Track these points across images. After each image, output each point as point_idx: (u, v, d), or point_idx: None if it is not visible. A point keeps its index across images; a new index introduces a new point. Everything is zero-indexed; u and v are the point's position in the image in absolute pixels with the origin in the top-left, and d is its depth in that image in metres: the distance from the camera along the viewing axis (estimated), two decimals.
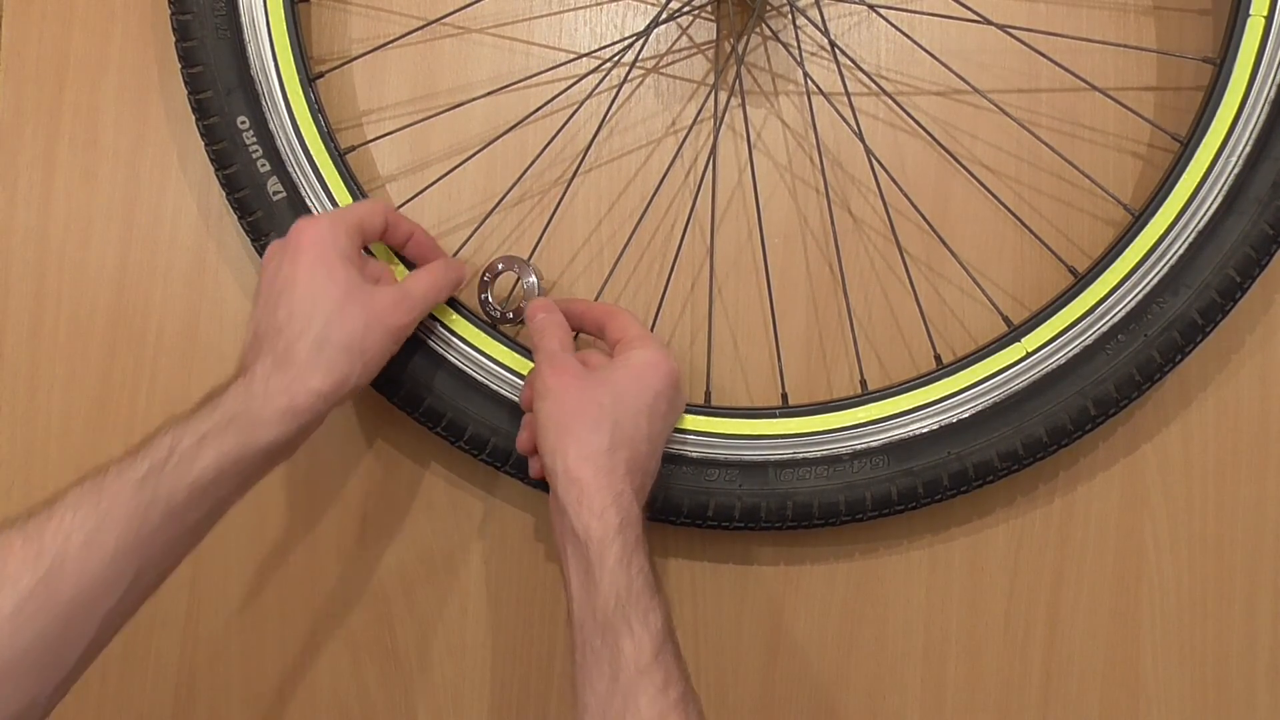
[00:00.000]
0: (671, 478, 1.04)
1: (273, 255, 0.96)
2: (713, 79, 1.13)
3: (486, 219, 1.12)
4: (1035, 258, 1.11)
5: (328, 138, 1.07)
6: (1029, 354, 1.03)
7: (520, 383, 1.05)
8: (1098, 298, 1.02)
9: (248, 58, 1.07)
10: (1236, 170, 1.01)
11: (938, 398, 1.04)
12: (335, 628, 1.13)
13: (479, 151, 1.13)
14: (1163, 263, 1.01)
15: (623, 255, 1.12)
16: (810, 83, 1.11)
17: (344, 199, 1.06)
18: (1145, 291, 1.01)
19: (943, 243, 1.10)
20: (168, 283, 1.15)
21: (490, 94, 1.13)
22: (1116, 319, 1.02)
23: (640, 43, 1.12)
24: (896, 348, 1.12)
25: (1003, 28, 1.09)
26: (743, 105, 1.12)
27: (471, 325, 1.07)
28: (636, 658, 0.84)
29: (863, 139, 1.10)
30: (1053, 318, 1.03)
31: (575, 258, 1.14)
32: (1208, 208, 1.01)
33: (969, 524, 1.12)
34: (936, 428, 1.03)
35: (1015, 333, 1.04)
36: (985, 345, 1.05)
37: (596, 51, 1.14)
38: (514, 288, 1.08)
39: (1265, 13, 1.01)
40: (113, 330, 1.15)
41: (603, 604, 0.86)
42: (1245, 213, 1.00)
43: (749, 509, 1.04)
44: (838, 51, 1.11)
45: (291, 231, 0.95)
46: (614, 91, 1.13)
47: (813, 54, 1.13)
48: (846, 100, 1.11)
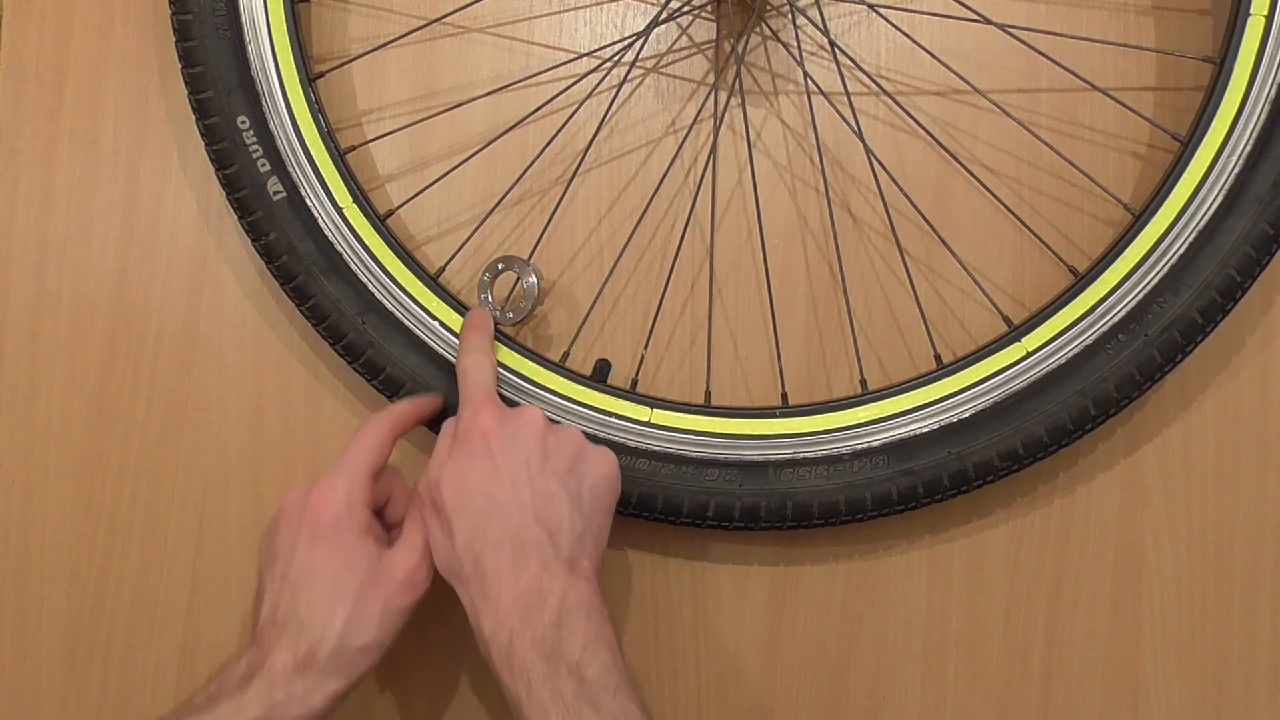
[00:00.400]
0: (671, 478, 1.04)
1: (289, 523, 0.95)
2: (712, 79, 1.13)
3: (486, 219, 1.12)
4: (1035, 258, 1.11)
5: (328, 137, 1.08)
6: (1029, 354, 1.03)
7: (520, 382, 1.06)
8: (1098, 297, 1.02)
9: (248, 58, 1.07)
10: (1237, 170, 1.00)
11: (938, 397, 1.04)
12: None
13: (479, 151, 1.13)
14: (1163, 262, 1.01)
15: (623, 255, 1.12)
16: (810, 82, 1.11)
17: (344, 199, 1.07)
18: (1145, 291, 1.01)
19: (943, 242, 1.10)
20: (168, 283, 1.15)
21: (490, 94, 1.13)
22: (1117, 319, 1.02)
23: (640, 42, 1.12)
24: (896, 348, 1.12)
25: (1003, 27, 1.09)
26: (743, 105, 1.12)
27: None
28: None
29: (863, 139, 1.10)
30: (1053, 317, 1.03)
31: (575, 258, 1.14)
32: (1208, 207, 1.01)
33: (969, 524, 1.11)
34: (937, 427, 1.03)
35: (1015, 332, 1.04)
36: (985, 345, 1.05)
37: (596, 51, 1.14)
38: (514, 288, 1.08)
39: (1265, 12, 1.01)
40: (113, 330, 1.15)
41: (510, 706, 0.87)
42: (1246, 212, 1.00)
43: (749, 509, 1.04)
44: (837, 51, 1.11)
45: (310, 505, 0.94)
46: (614, 91, 1.13)
47: (812, 54, 1.13)
48: (846, 100, 1.11)
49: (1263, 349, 1.11)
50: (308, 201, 1.06)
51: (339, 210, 1.07)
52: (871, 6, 1.12)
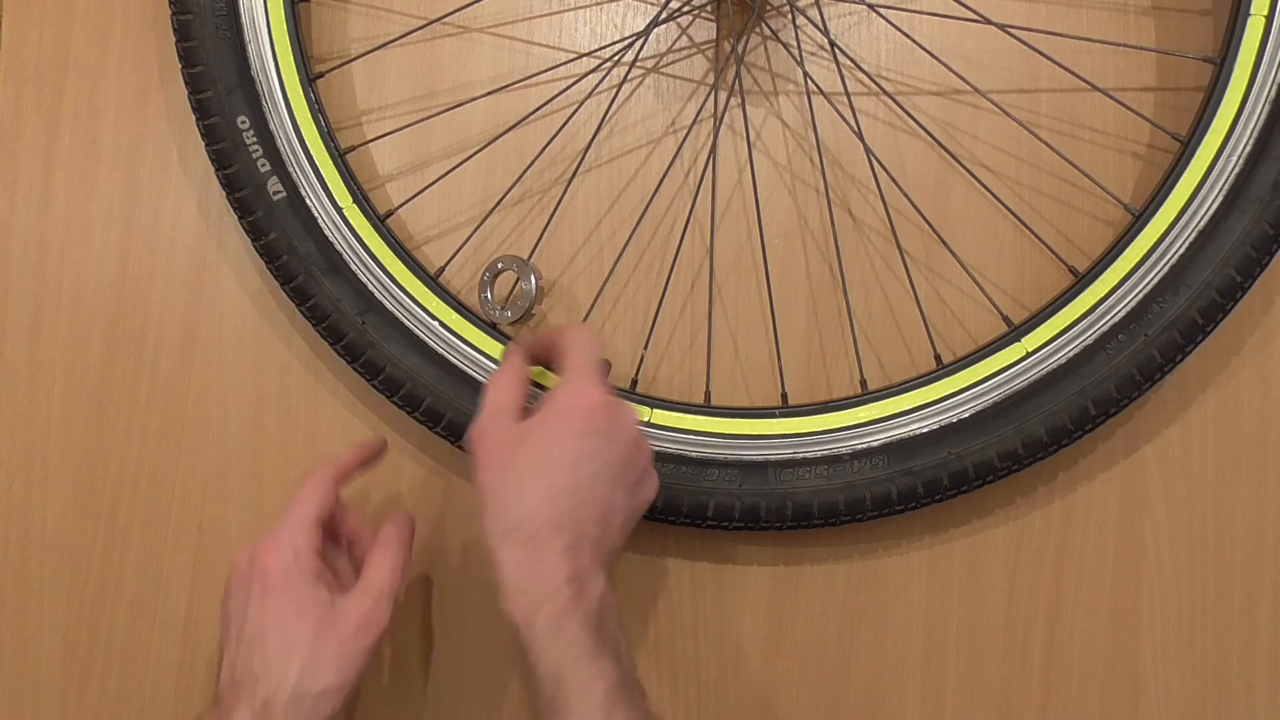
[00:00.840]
0: (671, 478, 1.04)
1: (239, 582, 0.95)
2: (712, 79, 1.13)
3: (486, 219, 1.12)
4: (1035, 258, 1.11)
5: (328, 137, 1.08)
6: (1029, 354, 1.03)
7: None
8: (1098, 297, 1.02)
9: (248, 58, 1.07)
10: (1237, 169, 1.01)
11: (938, 398, 1.04)
12: None
13: (479, 151, 1.13)
14: (1163, 262, 1.01)
15: (622, 255, 1.12)
16: (810, 82, 1.11)
17: (344, 199, 1.07)
18: (1146, 291, 1.01)
19: (943, 242, 1.10)
20: (168, 283, 1.15)
21: (490, 94, 1.13)
22: (1117, 319, 1.02)
23: (640, 42, 1.12)
24: (896, 348, 1.12)
25: (1003, 27, 1.09)
26: (742, 105, 1.12)
27: (471, 325, 1.07)
28: None
29: (863, 139, 1.10)
30: (1053, 317, 1.03)
31: (575, 258, 1.14)
32: (1208, 207, 1.01)
33: (968, 524, 1.11)
34: (936, 427, 1.03)
35: (1015, 332, 1.04)
36: (985, 345, 1.05)
37: (596, 51, 1.14)
38: (514, 288, 1.08)
39: (1265, 12, 1.01)
40: (113, 330, 1.15)
41: (543, 685, 0.86)
42: (1246, 212, 1.00)
43: (749, 509, 1.04)
44: (837, 51, 1.11)
45: (256, 561, 0.94)
46: (614, 91, 1.13)
47: (812, 54, 1.13)
48: (846, 100, 1.11)
49: (1263, 349, 1.11)
50: (308, 201, 1.06)
51: (339, 210, 1.07)
52: (871, 6, 1.12)
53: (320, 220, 1.07)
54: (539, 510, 0.89)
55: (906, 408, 1.04)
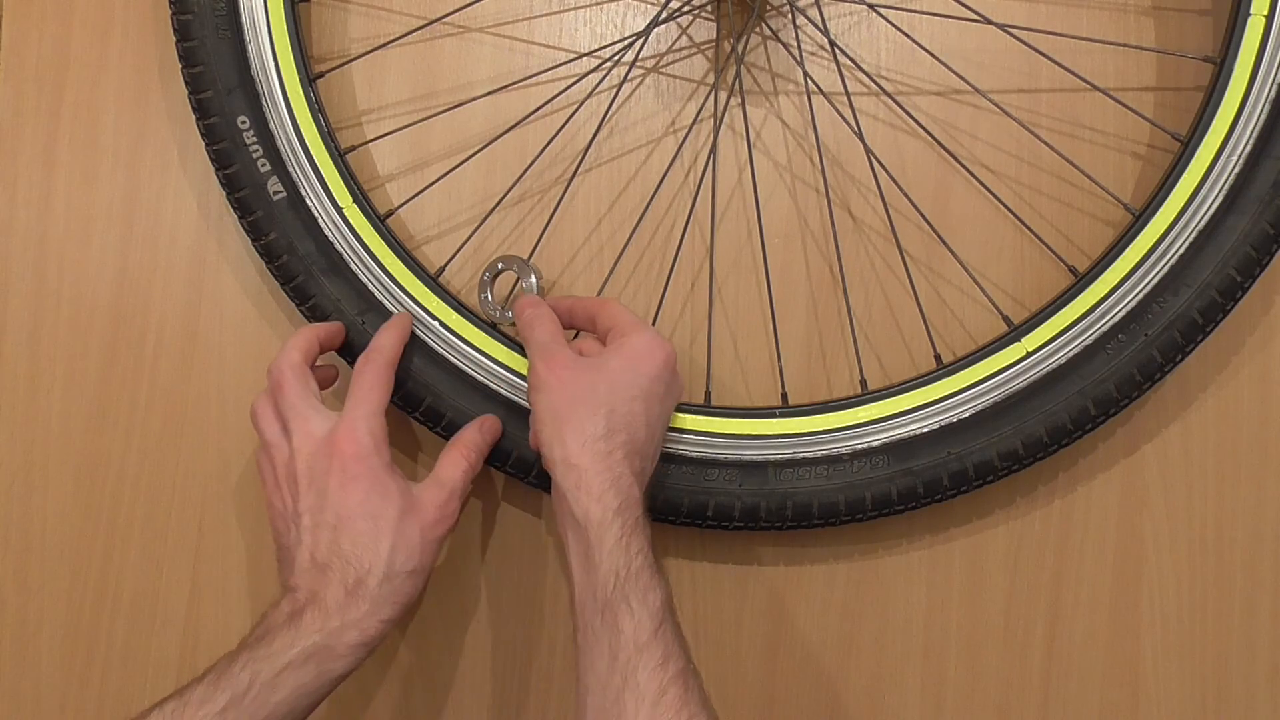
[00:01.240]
0: (671, 477, 1.04)
1: (317, 471, 0.96)
2: (712, 79, 1.13)
3: (486, 219, 1.12)
4: (1035, 258, 1.11)
5: (328, 137, 1.08)
6: (1029, 354, 1.03)
7: (520, 382, 1.05)
8: (1098, 297, 1.02)
9: (248, 57, 1.07)
10: (1237, 169, 1.01)
11: (938, 397, 1.04)
12: None
13: (479, 151, 1.13)
14: (1163, 262, 1.01)
15: (623, 255, 1.12)
16: (810, 82, 1.11)
17: (344, 199, 1.07)
18: (1146, 291, 1.01)
19: (943, 242, 1.10)
20: (168, 283, 1.15)
21: (490, 94, 1.13)
22: (1117, 319, 1.02)
23: (640, 42, 1.12)
24: (896, 348, 1.12)
25: (1003, 27, 1.09)
26: (742, 105, 1.12)
27: (471, 325, 1.07)
28: (635, 635, 0.85)
29: (863, 139, 1.10)
30: (1053, 317, 1.03)
31: (575, 258, 1.14)
32: (1208, 207, 1.01)
33: (968, 524, 1.12)
34: (936, 427, 1.03)
35: (1015, 332, 1.04)
36: (985, 345, 1.05)
37: (596, 51, 1.14)
38: (514, 288, 1.08)
39: (1265, 12, 1.01)
40: (113, 330, 1.15)
41: (602, 585, 0.87)
42: (1246, 212, 1.00)
43: (749, 509, 1.04)
44: (837, 51, 1.11)
45: (335, 448, 0.95)
46: (614, 91, 1.13)
47: (812, 54, 1.13)
48: (846, 100, 1.11)
49: (1263, 349, 1.11)
50: (308, 201, 1.06)
51: (339, 210, 1.07)
52: (871, 6, 1.12)
53: (320, 220, 1.07)
54: (618, 430, 0.93)
55: (907, 408, 1.04)
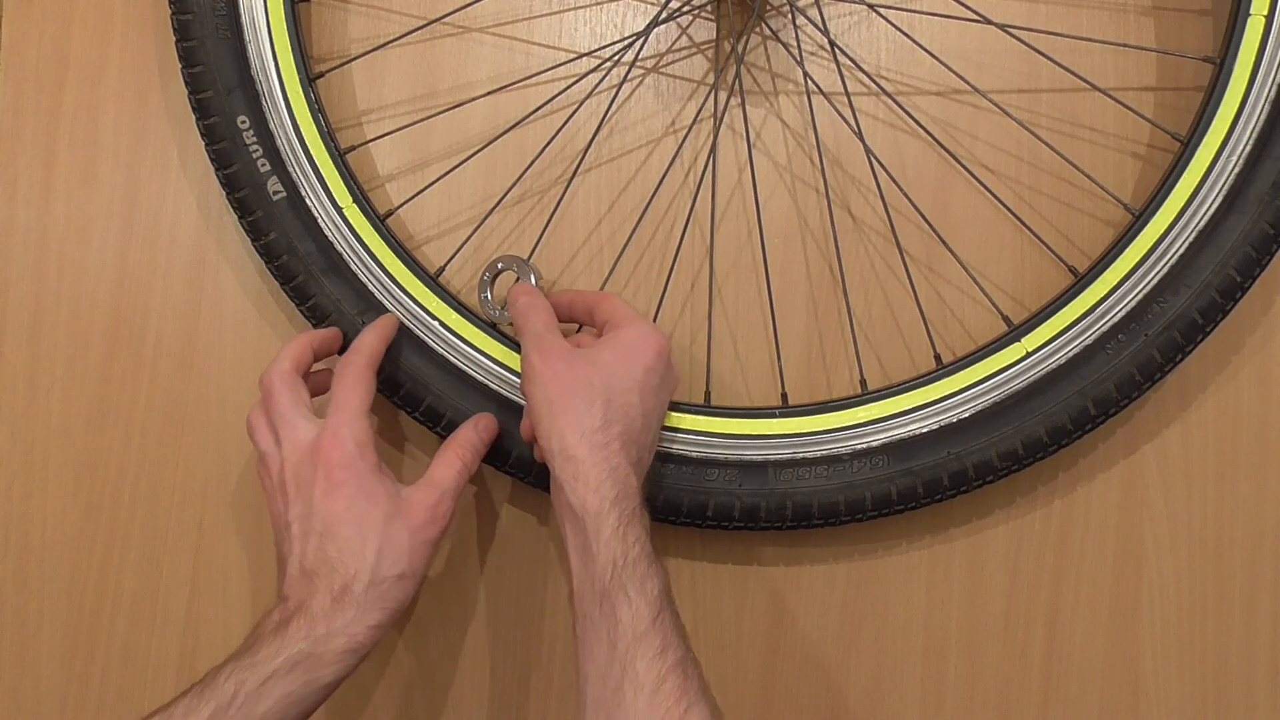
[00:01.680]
0: (671, 477, 1.04)
1: (302, 480, 0.95)
2: (712, 79, 1.13)
3: (486, 219, 1.12)
4: (1035, 258, 1.11)
5: (328, 137, 1.08)
6: (1029, 354, 1.03)
7: (518, 382, 1.05)
8: (1098, 297, 1.03)
9: (248, 57, 1.07)
10: (1237, 169, 1.01)
11: (938, 397, 1.04)
12: None
13: (479, 151, 1.13)
14: (1163, 262, 1.01)
15: (622, 255, 1.12)
16: (810, 82, 1.11)
17: (344, 199, 1.07)
18: (1146, 291, 1.01)
19: (942, 242, 1.10)
20: (168, 283, 1.15)
21: (490, 94, 1.13)
22: (1117, 319, 1.02)
23: (640, 42, 1.12)
24: (896, 348, 1.12)
25: (1003, 27, 1.09)
26: (742, 105, 1.12)
27: (471, 325, 1.07)
28: (633, 625, 0.85)
29: (863, 139, 1.10)
30: (1053, 317, 1.04)
31: (575, 257, 1.14)
32: (1208, 207, 1.01)
33: (968, 524, 1.12)
34: (936, 427, 1.03)
35: (1015, 332, 1.04)
36: (985, 345, 1.05)
37: (596, 51, 1.14)
38: (514, 288, 1.08)
39: (1265, 12, 1.01)
40: (113, 330, 1.15)
41: (600, 574, 0.87)
42: (1246, 212, 1.00)
43: (748, 509, 1.04)
44: (837, 51, 1.11)
45: (318, 455, 0.94)
46: (614, 91, 1.13)
47: (812, 54, 1.13)
48: (846, 100, 1.11)
49: (1263, 349, 1.11)
50: (307, 201, 1.06)
51: (339, 210, 1.07)
52: (871, 6, 1.12)
53: (320, 220, 1.06)
54: (615, 422, 0.93)
55: (906, 408, 1.04)
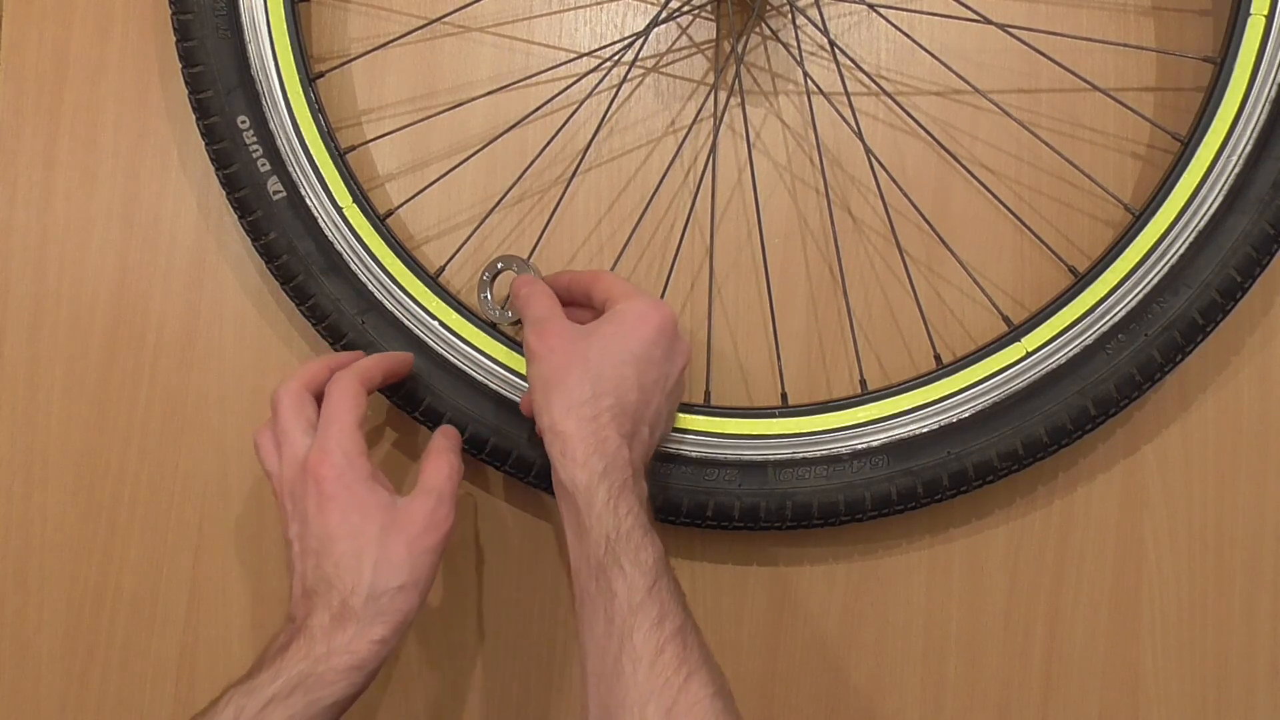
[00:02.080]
0: (671, 477, 1.04)
1: (295, 498, 0.94)
2: (712, 78, 1.13)
3: (486, 219, 1.12)
4: (1035, 258, 1.11)
5: (328, 137, 1.07)
6: (1029, 354, 1.03)
7: (519, 381, 1.05)
8: (1098, 297, 1.03)
9: (248, 57, 1.07)
10: (1237, 170, 1.01)
11: (938, 397, 1.04)
12: None
13: (479, 150, 1.13)
14: (1163, 262, 1.02)
15: (622, 255, 1.12)
16: (810, 82, 1.11)
17: (344, 199, 1.06)
18: (1146, 291, 1.02)
19: (942, 242, 1.10)
20: (168, 283, 1.15)
21: (490, 93, 1.13)
22: (1117, 319, 1.02)
23: (640, 42, 1.12)
24: (896, 348, 1.12)
25: (1003, 27, 1.09)
26: (742, 105, 1.12)
27: (471, 325, 1.07)
28: (629, 596, 0.84)
29: (862, 139, 1.10)
30: (1053, 317, 1.04)
31: (575, 257, 1.14)
32: (1208, 207, 1.01)
33: (968, 525, 1.12)
34: (936, 427, 1.03)
35: (1015, 332, 1.04)
36: (985, 345, 1.05)
37: (596, 51, 1.14)
38: (515, 280, 1.08)
39: (1265, 12, 1.01)
40: (113, 330, 1.15)
41: (594, 549, 0.87)
42: (1246, 212, 1.00)
43: (748, 509, 1.04)
44: (837, 51, 1.11)
45: (309, 469, 0.92)
46: (614, 91, 1.13)
47: (812, 54, 1.13)
48: (846, 100, 1.11)
49: (1263, 349, 1.11)
50: (307, 201, 1.06)
51: (339, 210, 1.07)
52: (871, 6, 1.12)
53: (320, 220, 1.06)
54: (605, 394, 0.92)
55: (906, 408, 1.04)
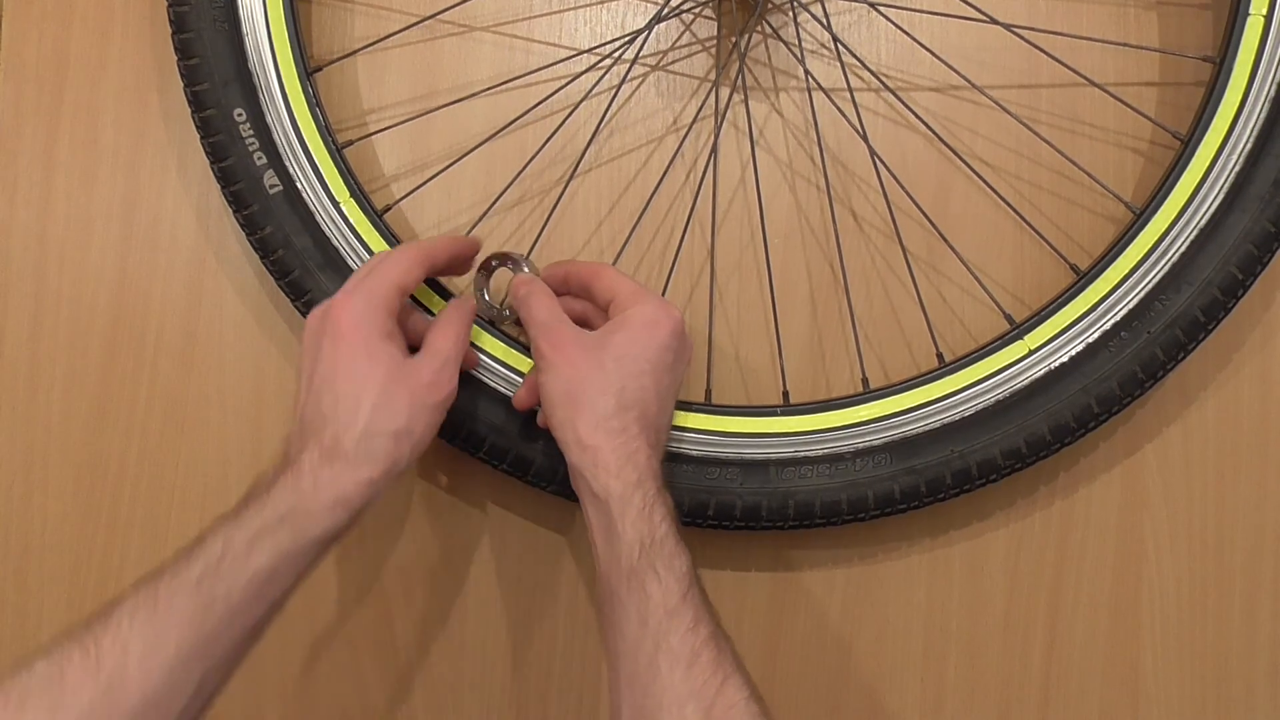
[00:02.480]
0: (672, 476, 1.03)
1: (312, 337, 0.94)
2: (714, 76, 1.13)
3: (484, 217, 1.12)
4: (1037, 255, 1.11)
5: (325, 132, 1.07)
6: (1031, 351, 1.03)
7: (516, 380, 1.05)
8: (1100, 295, 1.03)
9: (245, 50, 1.06)
10: (1238, 167, 1.01)
11: (940, 396, 1.04)
12: (335, 628, 1.13)
13: (480, 145, 1.12)
14: (1165, 260, 1.02)
15: (623, 251, 1.11)
16: (811, 80, 1.11)
17: (341, 193, 1.06)
18: (1148, 289, 1.02)
19: (943, 239, 1.10)
20: (168, 283, 1.15)
21: (491, 89, 1.13)
22: (1119, 316, 1.02)
23: (641, 40, 1.12)
24: (898, 346, 1.12)
25: (1006, 26, 1.09)
26: (745, 102, 1.12)
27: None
28: (664, 600, 0.85)
29: (865, 137, 1.10)
30: (1055, 315, 1.04)
31: (577, 257, 1.14)
32: (1209, 205, 1.01)
33: (969, 525, 1.12)
34: (939, 426, 1.03)
35: (1018, 330, 1.04)
36: (988, 343, 1.05)
37: (597, 48, 1.14)
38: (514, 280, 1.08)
39: (1265, 11, 1.02)
40: (113, 330, 1.14)
41: (627, 554, 0.87)
42: (1247, 210, 1.01)
43: (750, 508, 1.04)
44: (840, 48, 1.11)
45: (330, 311, 0.93)
46: (614, 90, 1.13)
47: (814, 51, 1.13)
48: (849, 97, 1.11)
49: (1263, 349, 1.11)
50: (304, 195, 1.06)
51: (336, 205, 1.06)
52: (873, 5, 1.12)
53: (317, 215, 1.06)
54: (629, 408, 0.93)
55: (908, 406, 1.04)
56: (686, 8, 1.12)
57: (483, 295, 1.08)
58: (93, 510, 1.14)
